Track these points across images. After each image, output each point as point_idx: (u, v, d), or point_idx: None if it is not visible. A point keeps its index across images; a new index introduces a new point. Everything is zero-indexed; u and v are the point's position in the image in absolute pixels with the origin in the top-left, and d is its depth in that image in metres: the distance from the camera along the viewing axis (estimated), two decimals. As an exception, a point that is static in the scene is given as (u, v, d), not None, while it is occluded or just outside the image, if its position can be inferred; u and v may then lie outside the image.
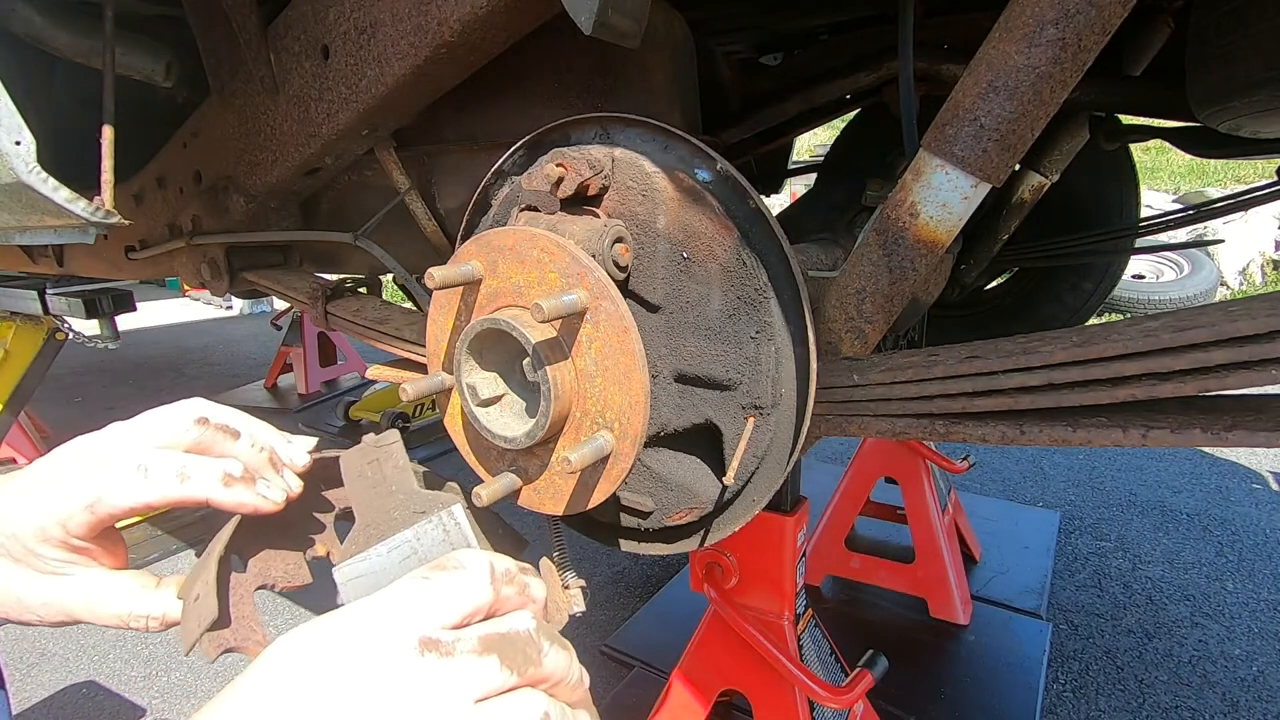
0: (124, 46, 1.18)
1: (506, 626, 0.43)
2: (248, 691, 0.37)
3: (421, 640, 0.39)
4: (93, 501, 0.55)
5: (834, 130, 2.85)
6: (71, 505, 0.55)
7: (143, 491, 0.55)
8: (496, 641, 0.41)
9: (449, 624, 0.41)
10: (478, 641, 0.41)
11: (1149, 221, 1.98)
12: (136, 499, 0.55)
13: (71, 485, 0.55)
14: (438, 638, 0.40)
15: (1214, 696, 2.06)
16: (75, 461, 0.57)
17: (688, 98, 1.13)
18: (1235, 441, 0.60)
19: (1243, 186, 7.37)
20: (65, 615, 0.58)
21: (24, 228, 1.23)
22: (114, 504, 0.55)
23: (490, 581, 0.44)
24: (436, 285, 0.68)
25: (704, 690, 1.47)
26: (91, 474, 0.56)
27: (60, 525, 0.55)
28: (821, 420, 0.82)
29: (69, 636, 2.53)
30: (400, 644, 0.39)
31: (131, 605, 0.59)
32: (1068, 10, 0.61)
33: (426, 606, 0.41)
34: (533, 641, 0.43)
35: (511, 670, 0.41)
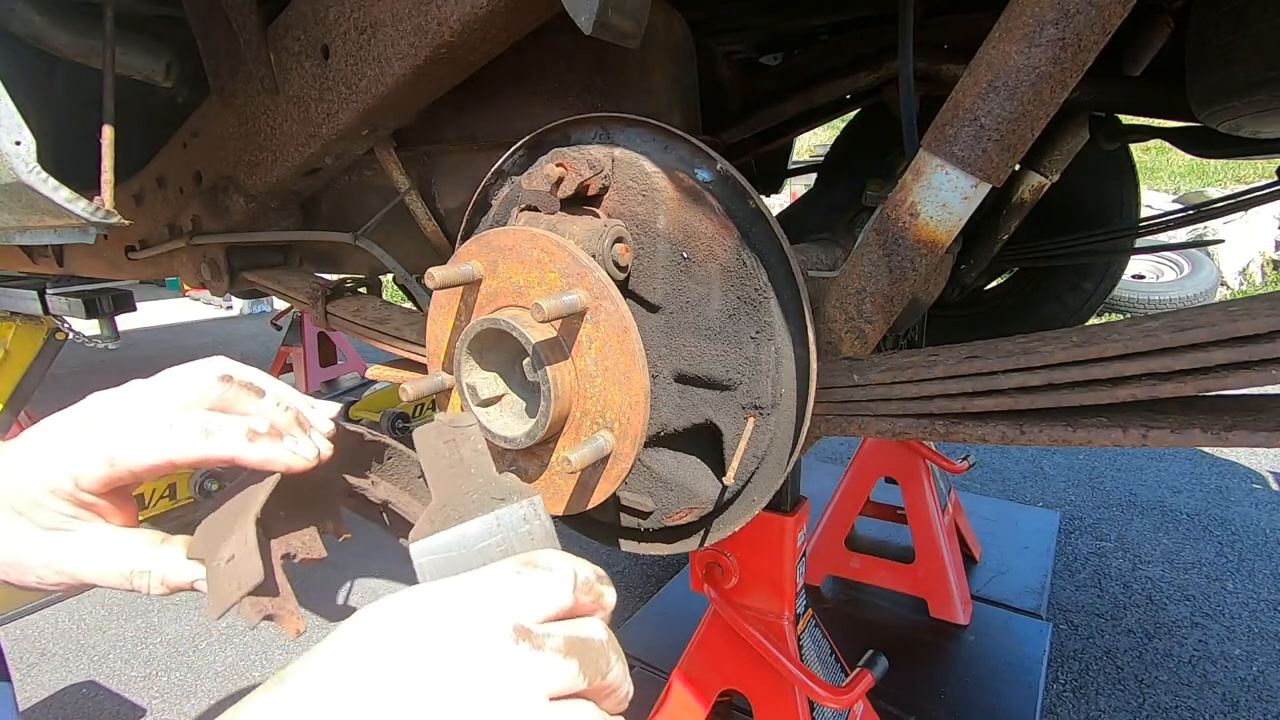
0: (124, 46, 1.18)
1: (586, 632, 0.44)
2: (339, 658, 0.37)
3: (516, 628, 0.40)
4: (112, 455, 0.52)
5: (834, 130, 2.85)
6: (87, 458, 0.52)
7: (166, 447, 0.52)
8: (579, 646, 0.42)
9: (537, 620, 0.42)
10: (564, 641, 0.42)
11: (1149, 221, 1.98)
12: (159, 455, 0.52)
13: (89, 438, 0.52)
14: (531, 629, 0.41)
15: (1214, 696, 2.06)
16: (93, 415, 0.54)
17: (688, 98, 1.13)
18: (1235, 441, 0.60)
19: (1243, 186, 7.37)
20: (65, 575, 0.54)
21: (24, 228, 1.23)
22: (135, 459, 0.52)
23: (573, 589, 0.45)
24: (436, 285, 0.68)
25: (704, 690, 1.47)
26: (111, 428, 0.53)
27: (71, 478, 0.52)
28: (821, 420, 0.82)
29: (69, 636, 2.53)
30: (498, 629, 0.39)
31: (135, 561, 0.55)
32: (1068, 10, 0.61)
33: (521, 598, 0.42)
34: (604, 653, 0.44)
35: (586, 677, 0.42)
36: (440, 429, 0.55)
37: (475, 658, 0.38)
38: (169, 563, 0.55)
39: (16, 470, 0.52)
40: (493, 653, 0.38)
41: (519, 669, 0.39)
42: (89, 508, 0.54)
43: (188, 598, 2.73)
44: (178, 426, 0.52)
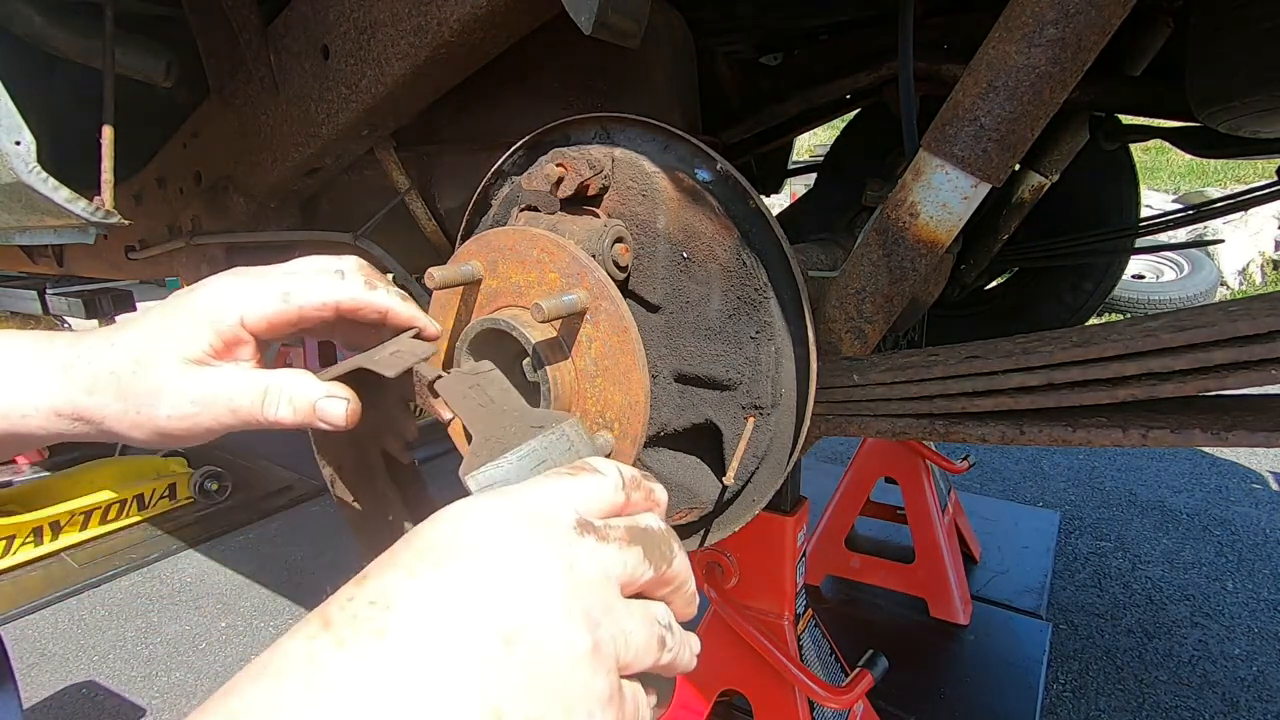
0: (124, 46, 1.18)
1: (645, 523, 0.45)
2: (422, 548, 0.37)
3: (579, 522, 0.41)
4: (290, 289, 0.55)
5: (834, 130, 2.85)
6: (260, 295, 0.55)
7: (337, 290, 0.57)
8: (640, 534, 0.43)
9: (596, 515, 0.43)
10: (625, 531, 0.42)
11: (1149, 221, 1.98)
12: (329, 295, 0.56)
13: (267, 276, 0.56)
14: (592, 522, 0.41)
15: (1214, 696, 2.06)
16: (258, 269, 0.58)
17: (688, 98, 1.13)
18: (1235, 441, 0.60)
19: (1243, 186, 7.37)
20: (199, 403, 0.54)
21: (24, 228, 1.23)
22: (309, 295, 0.56)
23: (622, 486, 0.46)
24: (436, 285, 0.68)
25: (704, 690, 1.47)
26: (283, 273, 0.57)
27: (239, 314, 0.54)
28: (821, 420, 0.82)
29: (69, 636, 2.53)
30: (563, 522, 0.40)
31: (268, 381, 0.56)
32: (1068, 10, 0.61)
33: (577, 496, 0.43)
34: (666, 540, 0.45)
35: (649, 564, 0.43)
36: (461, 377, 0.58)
37: (547, 549, 0.38)
38: (299, 382, 0.56)
39: (185, 302, 0.55)
40: (562, 543, 0.39)
41: (587, 559, 0.39)
42: (234, 349, 0.55)
43: (188, 598, 2.73)
44: (349, 275, 0.58)
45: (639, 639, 0.40)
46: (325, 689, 0.30)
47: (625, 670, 0.39)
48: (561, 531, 0.39)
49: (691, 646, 0.47)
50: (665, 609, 0.44)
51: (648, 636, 0.41)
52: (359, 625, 0.33)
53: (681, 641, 0.45)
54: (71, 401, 0.53)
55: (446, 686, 0.32)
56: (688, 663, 0.46)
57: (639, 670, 0.40)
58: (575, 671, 0.35)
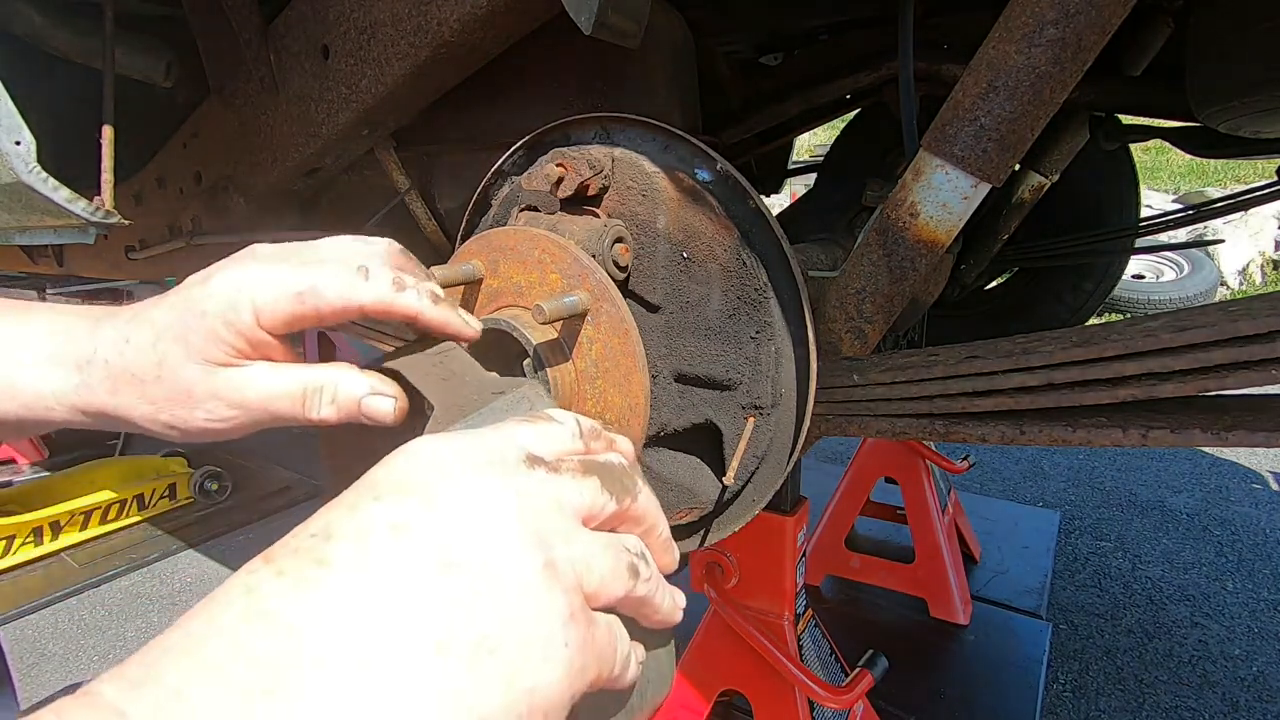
0: (124, 46, 1.18)
1: (602, 458, 0.43)
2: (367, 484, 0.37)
3: (529, 456, 0.39)
4: (304, 291, 0.49)
5: (834, 130, 2.85)
6: (275, 293, 0.49)
7: (360, 291, 0.50)
8: (596, 466, 0.42)
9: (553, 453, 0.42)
10: (579, 464, 0.41)
11: (1149, 221, 1.98)
12: (351, 297, 0.50)
13: (282, 270, 0.50)
14: (542, 456, 0.40)
15: (1214, 696, 2.06)
16: (278, 254, 0.52)
17: (688, 98, 1.13)
18: (1235, 441, 0.60)
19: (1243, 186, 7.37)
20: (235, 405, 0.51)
21: (24, 228, 1.23)
22: (327, 298, 0.50)
23: (579, 434, 0.44)
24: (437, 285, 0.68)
25: (704, 690, 1.47)
26: (302, 266, 0.50)
27: (254, 313, 0.49)
28: (821, 420, 0.82)
29: (69, 636, 2.53)
30: (511, 457, 0.39)
31: (307, 380, 0.52)
32: (1068, 10, 0.61)
33: (528, 436, 0.42)
34: (628, 474, 0.44)
35: (610, 495, 0.41)
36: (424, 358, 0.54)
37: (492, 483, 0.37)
38: (341, 379, 0.53)
39: (199, 300, 0.50)
40: (510, 477, 0.38)
41: (537, 487, 0.38)
42: (259, 347, 0.51)
43: (188, 598, 2.73)
44: (374, 274, 0.51)
45: (603, 564, 0.38)
46: (259, 619, 0.30)
47: (594, 600, 0.38)
48: (510, 464, 0.38)
49: (674, 595, 0.45)
50: (637, 540, 0.42)
51: (614, 562, 0.39)
52: (299, 556, 0.32)
53: (659, 580, 0.43)
54: (95, 403, 0.51)
55: (384, 614, 0.31)
56: (668, 606, 0.44)
57: (611, 599, 0.39)
58: (527, 591, 0.34)
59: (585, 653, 0.36)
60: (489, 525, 0.35)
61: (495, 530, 0.35)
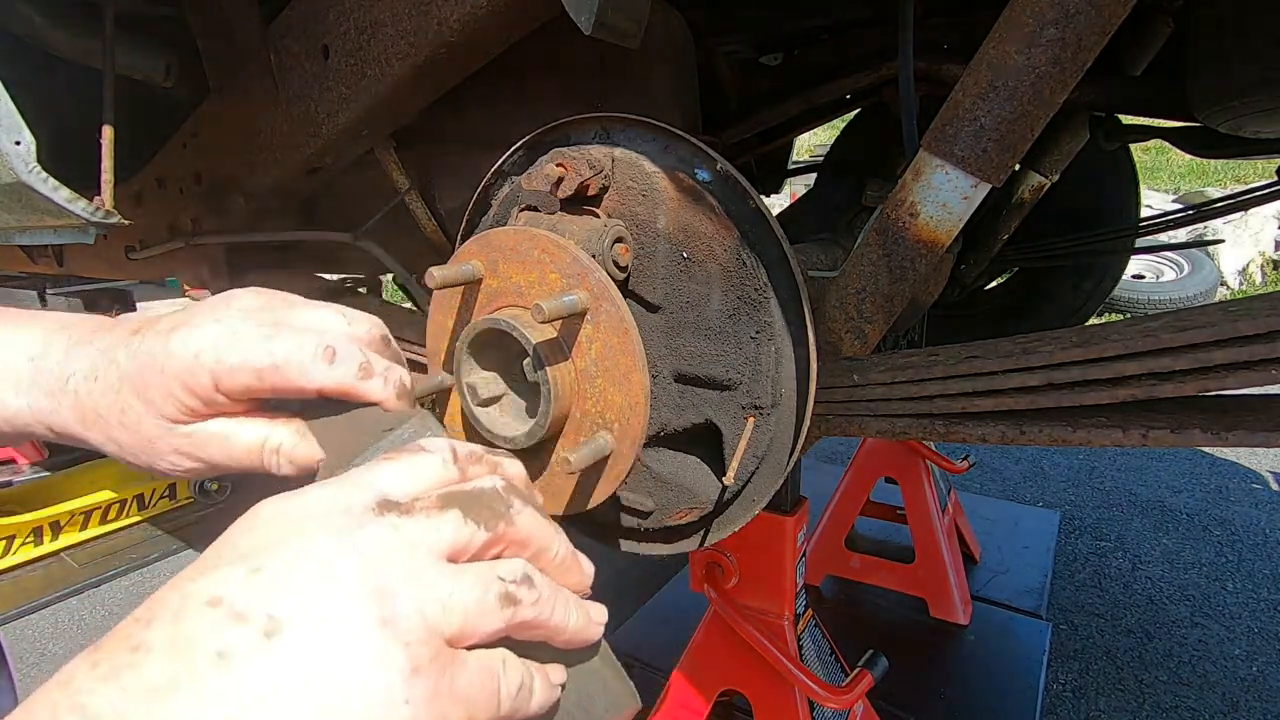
0: (124, 46, 1.18)
1: (470, 486, 0.42)
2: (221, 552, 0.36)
3: (379, 502, 0.38)
4: (264, 368, 0.48)
5: (834, 130, 2.85)
6: (240, 359, 0.48)
7: (320, 374, 0.49)
8: (457, 497, 0.40)
9: (410, 493, 0.40)
10: (437, 499, 0.39)
11: (1149, 221, 1.98)
12: (312, 379, 0.49)
13: (241, 342, 0.49)
14: (395, 499, 0.38)
15: (1214, 696, 2.06)
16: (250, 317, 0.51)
17: (688, 98, 1.13)
18: (1235, 441, 0.60)
19: (1243, 186, 7.37)
20: (198, 460, 0.52)
21: (24, 228, 1.23)
22: (287, 378, 0.49)
23: (453, 461, 0.42)
24: (437, 285, 0.68)
25: (704, 690, 1.47)
26: (269, 340, 0.49)
27: (213, 380, 0.48)
28: (821, 420, 0.82)
29: (69, 636, 2.53)
30: (359, 505, 0.37)
31: (266, 438, 0.52)
32: (1068, 10, 0.61)
33: (387, 476, 0.40)
34: (500, 497, 0.41)
35: (478, 524, 0.39)
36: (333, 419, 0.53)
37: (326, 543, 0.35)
38: (296, 440, 0.53)
39: (159, 358, 0.49)
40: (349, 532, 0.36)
41: (386, 536, 0.36)
42: (219, 408, 0.51)
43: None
44: (340, 357, 0.50)
45: (465, 600, 0.37)
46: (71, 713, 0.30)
47: (462, 639, 0.37)
48: (355, 515, 0.37)
49: (583, 611, 0.43)
50: (518, 564, 0.40)
51: (480, 595, 0.37)
52: (116, 642, 0.32)
53: (554, 600, 0.41)
54: (67, 430, 0.52)
55: (196, 704, 0.30)
56: (575, 624, 0.42)
57: (485, 634, 0.38)
58: (357, 655, 0.33)
59: (438, 703, 0.34)
60: (318, 589, 0.34)
61: (324, 594, 0.34)
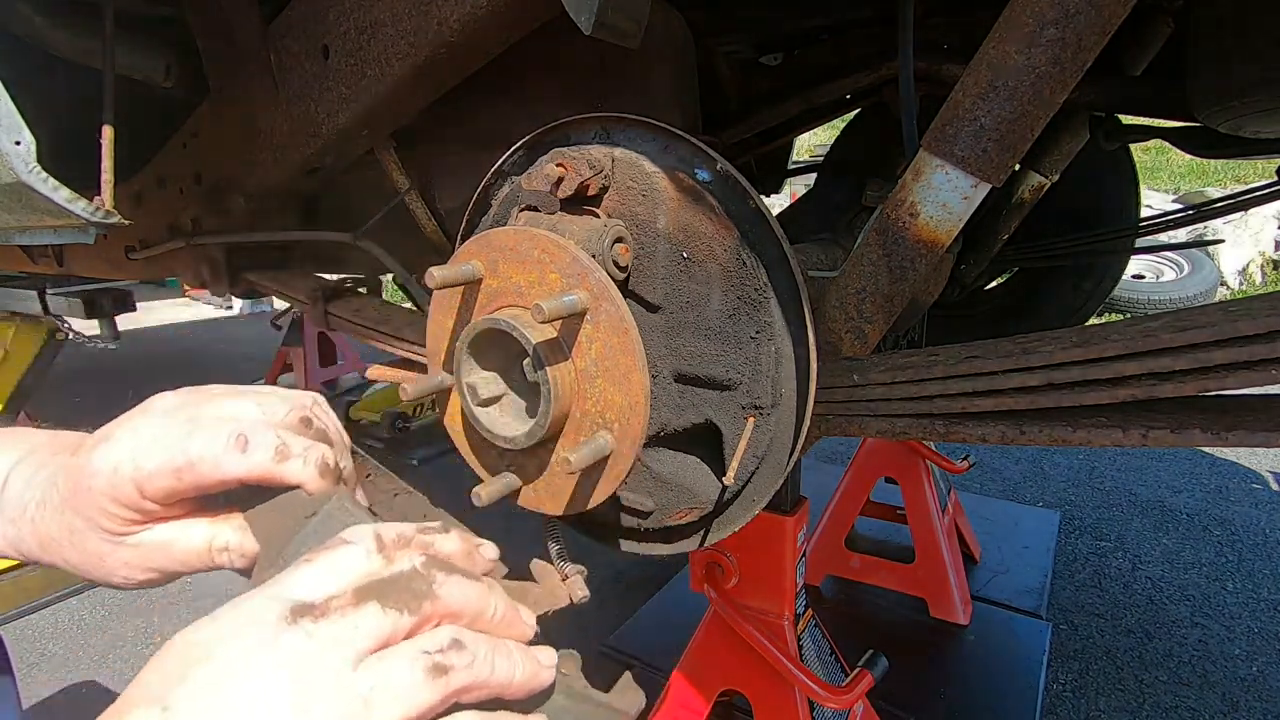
0: (124, 46, 1.18)
1: (389, 571, 0.41)
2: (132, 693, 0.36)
3: (292, 609, 0.37)
4: (180, 467, 0.49)
5: (834, 130, 2.85)
6: (155, 464, 0.49)
7: (234, 464, 0.50)
8: (374, 587, 0.39)
9: (328, 593, 0.39)
10: (352, 594, 0.39)
11: (1149, 221, 1.98)
12: (227, 471, 0.50)
13: (157, 445, 0.50)
14: (309, 602, 0.38)
15: (1214, 696, 2.06)
16: (167, 418, 0.52)
17: (688, 98, 1.13)
18: (1235, 441, 0.60)
19: (1243, 186, 7.37)
20: (147, 570, 0.53)
21: (24, 228, 1.23)
22: (204, 473, 0.49)
23: (379, 550, 0.42)
24: (437, 285, 0.68)
25: (704, 690, 1.47)
26: (184, 437, 0.50)
27: (136, 488, 0.49)
28: (821, 420, 0.82)
29: (69, 636, 2.53)
30: (271, 618, 0.37)
31: (213, 539, 0.53)
32: (1068, 10, 0.61)
33: (302, 581, 0.39)
34: (420, 575, 0.41)
35: (400, 611, 0.39)
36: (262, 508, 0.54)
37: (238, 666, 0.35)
38: (241, 535, 0.54)
39: (85, 476, 0.50)
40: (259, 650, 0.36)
41: (300, 647, 0.36)
42: (154, 515, 0.52)
43: (188, 598, 2.73)
44: (253, 444, 0.50)
45: (396, 684, 0.37)
46: None
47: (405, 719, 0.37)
48: (265, 631, 0.37)
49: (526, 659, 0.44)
50: (444, 632, 0.40)
51: (409, 675, 0.38)
52: None
53: (489, 658, 0.41)
54: (31, 554, 0.53)
55: None
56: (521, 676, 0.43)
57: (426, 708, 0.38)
58: None
59: None
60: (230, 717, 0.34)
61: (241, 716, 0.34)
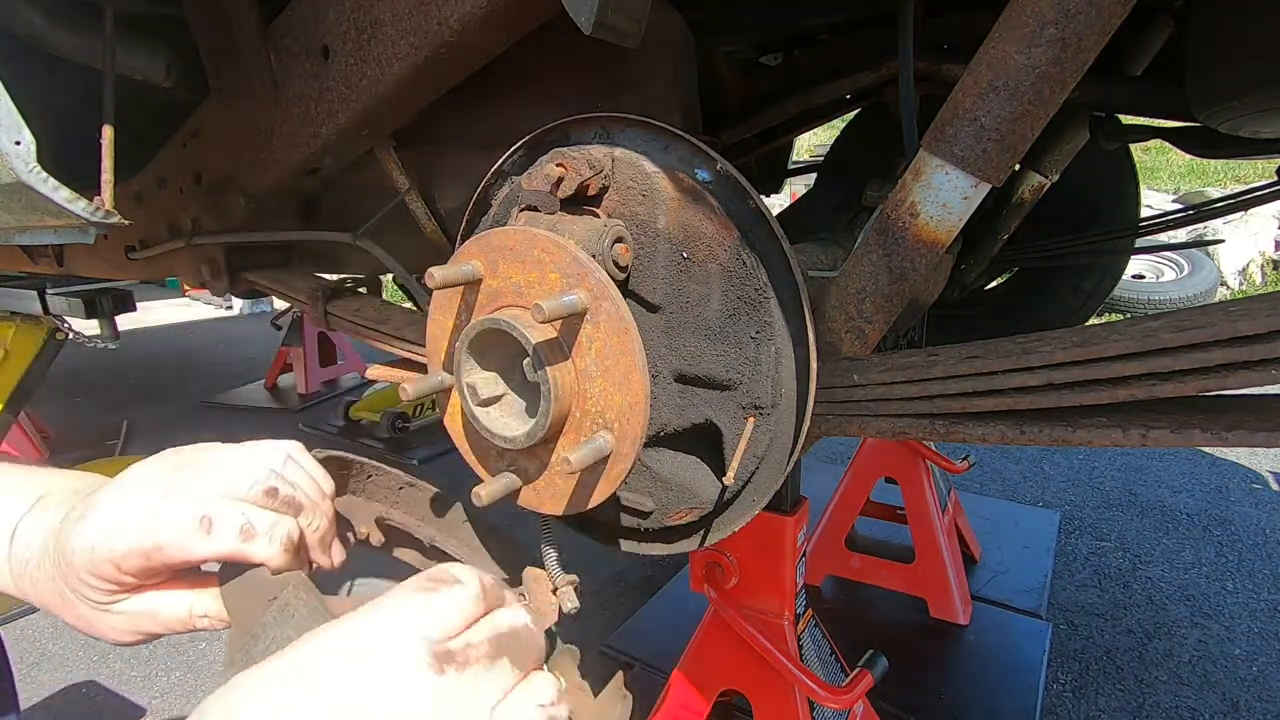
0: (124, 46, 1.18)
1: (507, 624, 0.44)
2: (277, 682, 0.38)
3: (436, 655, 0.39)
4: (150, 549, 0.53)
5: (834, 130, 2.85)
6: (127, 546, 0.53)
7: (198, 547, 0.54)
8: (506, 643, 0.43)
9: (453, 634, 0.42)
10: (488, 645, 0.42)
11: (1149, 221, 1.98)
12: (195, 553, 0.54)
13: (130, 523, 0.54)
14: (451, 649, 0.40)
15: (1214, 696, 2.06)
16: (141, 495, 0.55)
17: (688, 98, 1.13)
18: (1235, 441, 0.60)
19: (1243, 186, 7.37)
20: (134, 633, 0.58)
21: (24, 228, 1.23)
22: (172, 555, 0.54)
23: (483, 595, 0.45)
24: (437, 285, 0.68)
25: (704, 690, 1.47)
26: (153, 518, 0.54)
27: (113, 565, 0.54)
28: (821, 420, 0.82)
29: (69, 636, 2.53)
30: (416, 659, 0.39)
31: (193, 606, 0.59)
32: (1068, 10, 0.61)
33: (432, 618, 0.42)
34: (533, 634, 0.46)
35: (521, 668, 0.43)
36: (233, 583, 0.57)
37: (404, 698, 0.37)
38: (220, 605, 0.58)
39: (68, 554, 0.54)
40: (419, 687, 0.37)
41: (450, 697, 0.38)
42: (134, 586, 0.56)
43: (188, 598, 2.73)
44: (217, 526, 0.54)
45: None
46: None
47: None
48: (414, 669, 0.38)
49: None
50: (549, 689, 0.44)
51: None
52: None
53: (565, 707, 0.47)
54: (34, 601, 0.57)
55: None
56: None
57: None
58: None
59: None
60: None
61: None
